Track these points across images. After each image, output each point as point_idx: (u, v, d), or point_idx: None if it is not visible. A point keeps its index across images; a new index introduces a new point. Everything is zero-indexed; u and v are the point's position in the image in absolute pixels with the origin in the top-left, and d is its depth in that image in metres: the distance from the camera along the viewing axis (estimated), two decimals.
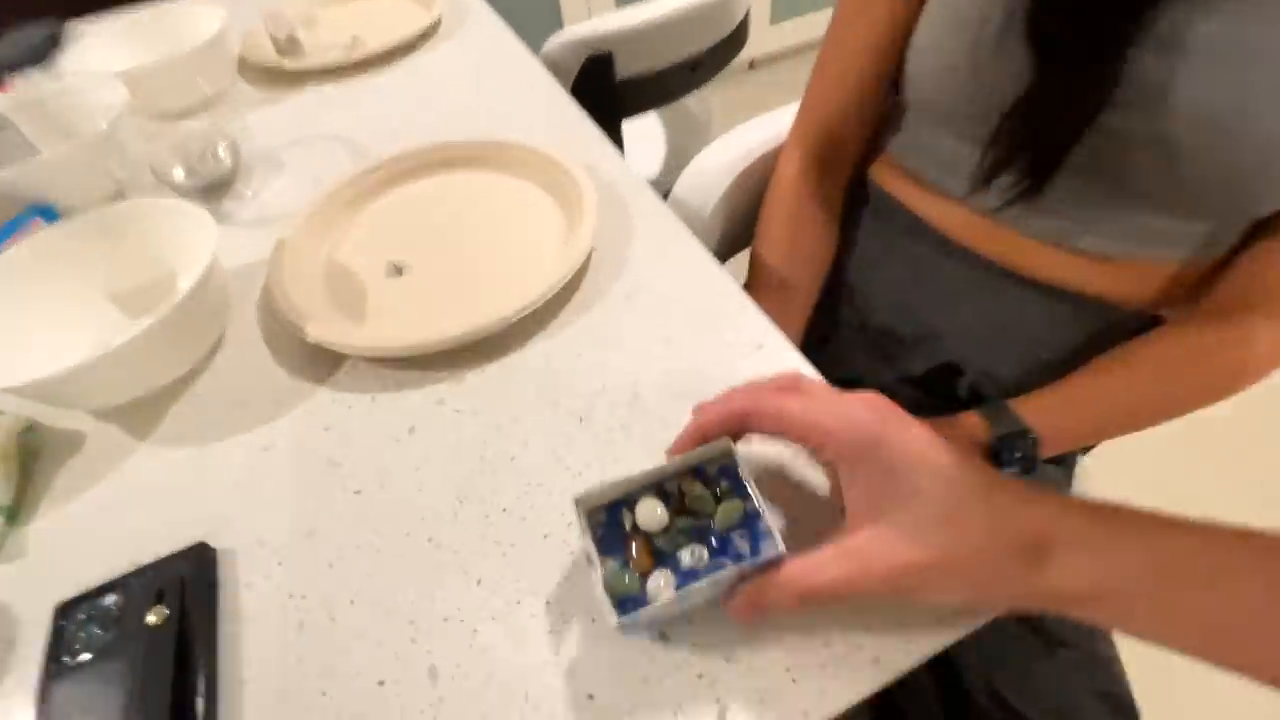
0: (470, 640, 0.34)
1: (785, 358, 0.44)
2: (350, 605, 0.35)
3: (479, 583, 0.36)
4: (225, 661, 0.34)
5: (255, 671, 0.34)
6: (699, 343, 0.45)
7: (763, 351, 0.44)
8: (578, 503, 0.32)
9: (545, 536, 0.37)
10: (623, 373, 0.44)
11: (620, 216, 0.54)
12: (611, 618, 0.29)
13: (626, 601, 0.30)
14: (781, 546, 0.30)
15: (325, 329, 0.46)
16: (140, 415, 0.46)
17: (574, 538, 0.36)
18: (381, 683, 0.33)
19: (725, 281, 0.48)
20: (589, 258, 0.50)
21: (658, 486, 0.34)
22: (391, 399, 0.44)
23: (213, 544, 0.38)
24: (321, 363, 0.47)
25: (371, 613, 0.35)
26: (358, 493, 0.40)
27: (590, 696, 0.31)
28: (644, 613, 0.29)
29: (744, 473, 0.33)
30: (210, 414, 0.45)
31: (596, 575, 0.30)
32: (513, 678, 0.32)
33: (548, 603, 0.34)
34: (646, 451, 0.40)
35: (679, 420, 0.35)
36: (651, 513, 0.33)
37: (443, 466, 0.40)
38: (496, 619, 0.34)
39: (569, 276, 0.47)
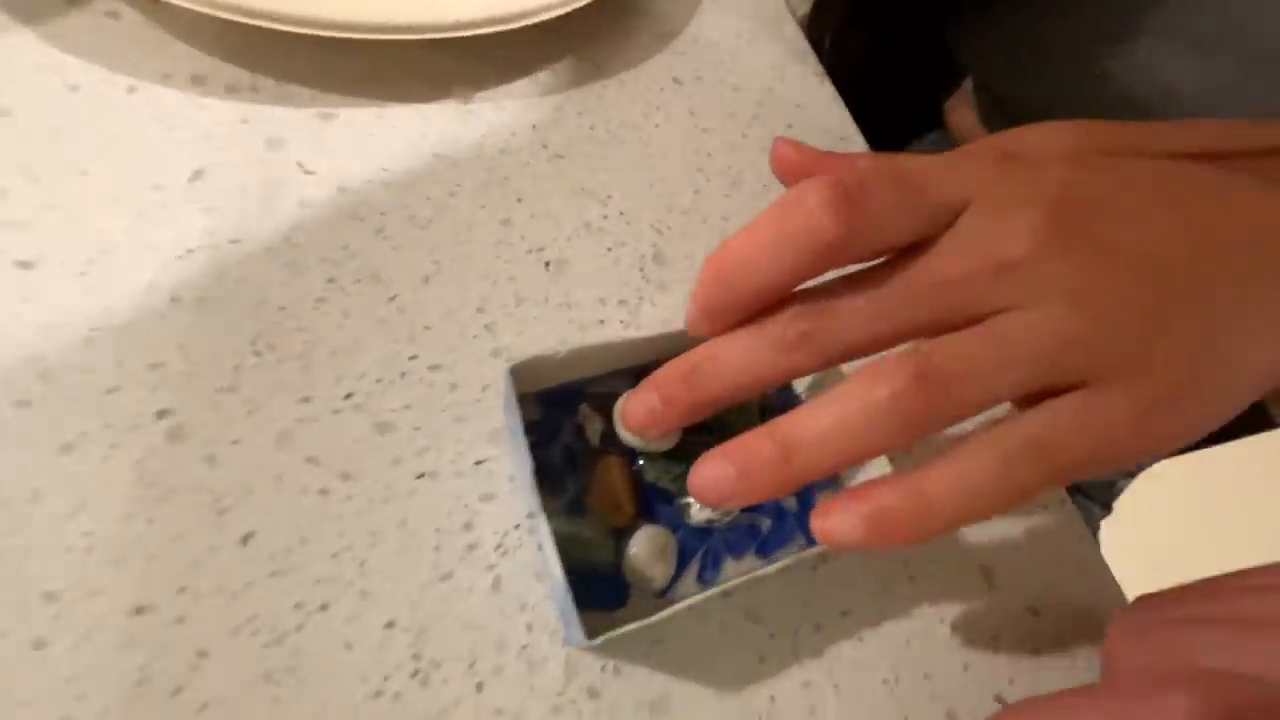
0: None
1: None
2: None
3: (319, 462, 0.18)
4: None
5: None
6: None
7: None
8: (513, 375, 0.17)
9: (421, 479, 0.20)
10: (638, 204, 0.25)
11: None
12: (570, 628, 0.16)
13: (588, 579, 0.17)
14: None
15: None
16: None
17: (458, 453, 0.19)
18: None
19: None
20: None
21: (642, 371, 0.18)
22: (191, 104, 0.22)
23: None
24: None
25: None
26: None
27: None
28: (627, 631, 0.15)
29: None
30: None
31: (542, 525, 0.16)
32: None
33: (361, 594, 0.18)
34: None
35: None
36: None
37: (238, 225, 0.20)
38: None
39: None
